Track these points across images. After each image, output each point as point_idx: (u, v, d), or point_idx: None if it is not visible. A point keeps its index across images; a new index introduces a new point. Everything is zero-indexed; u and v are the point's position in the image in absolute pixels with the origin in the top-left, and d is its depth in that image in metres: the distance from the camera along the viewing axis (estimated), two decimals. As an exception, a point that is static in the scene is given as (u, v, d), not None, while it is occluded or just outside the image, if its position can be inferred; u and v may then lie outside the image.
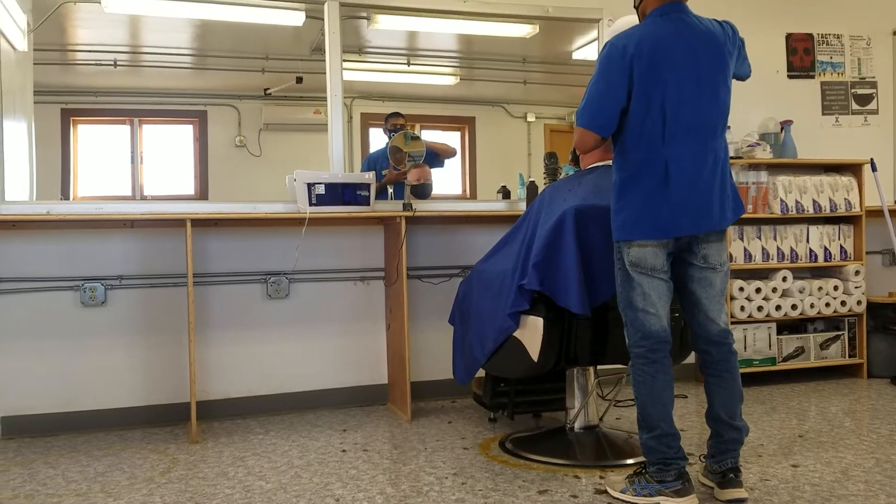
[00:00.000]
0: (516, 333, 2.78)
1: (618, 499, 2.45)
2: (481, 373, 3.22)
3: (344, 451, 3.10)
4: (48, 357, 3.52)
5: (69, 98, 5.05)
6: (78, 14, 4.45)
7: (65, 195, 4.90)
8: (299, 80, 4.92)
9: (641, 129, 2.36)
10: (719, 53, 2.39)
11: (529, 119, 5.22)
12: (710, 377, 2.49)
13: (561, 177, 3.65)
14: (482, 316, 2.99)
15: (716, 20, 2.47)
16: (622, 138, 2.42)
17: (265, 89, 5.18)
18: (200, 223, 3.57)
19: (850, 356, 4.39)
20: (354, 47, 4.83)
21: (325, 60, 3.90)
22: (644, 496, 2.39)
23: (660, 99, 2.33)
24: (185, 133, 5.36)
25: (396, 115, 4.69)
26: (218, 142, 5.27)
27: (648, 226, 2.36)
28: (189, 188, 5.29)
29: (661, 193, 2.34)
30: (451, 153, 4.80)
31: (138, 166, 5.22)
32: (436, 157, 4.56)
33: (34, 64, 3.97)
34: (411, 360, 3.62)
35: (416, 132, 4.69)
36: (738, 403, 2.46)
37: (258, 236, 3.81)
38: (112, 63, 4.95)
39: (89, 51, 5.01)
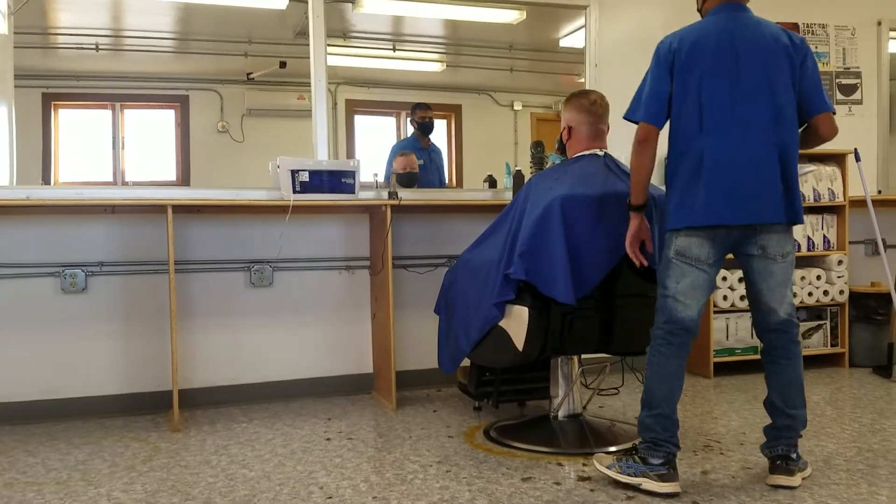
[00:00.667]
0: (501, 323, 2.78)
1: (602, 473, 2.49)
2: (466, 362, 3.21)
3: (328, 439, 3.09)
4: (28, 344, 3.48)
5: (50, 82, 4.97)
6: (59, -4, 4.38)
7: (45, 180, 4.83)
8: (283, 64, 4.87)
9: (679, 119, 2.42)
10: (771, 50, 2.41)
11: (516, 107, 5.19)
12: (767, 363, 2.54)
13: (547, 166, 3.64)
14: (468, 305, 2.98)
15: (785, 30, 2.50)
16: (669, 130, 2.48)
17: (248, 74, 5.12)
18: (182, 209, 3.53)
19: (832, 345, 4.42)
20: (339, 32, 4.78)
21: (309, 45, 3.85)
22: (628, 475, 2.42)
23: (696, 90, 2.38)
24: (166, 118, 5.29)
25: (424, 106, 4.67)
26: (200, 127, 5.20)
27: (688, 214, 2.39)
28: (171, 174, 5.23)
29: (696, 182, 2.37)
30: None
31: (120, 151, 5.15)
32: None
33: (14, 47, 3.90)
34: (396, 349, 3.61)
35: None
36: (796, 392, 2.49)
37: (241, 223, 3.78)
38: (93, 47, 4.87)
39: (70, 34, 4.93)
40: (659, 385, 2.43)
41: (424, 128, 4.64)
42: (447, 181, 4.94)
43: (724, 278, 4.17)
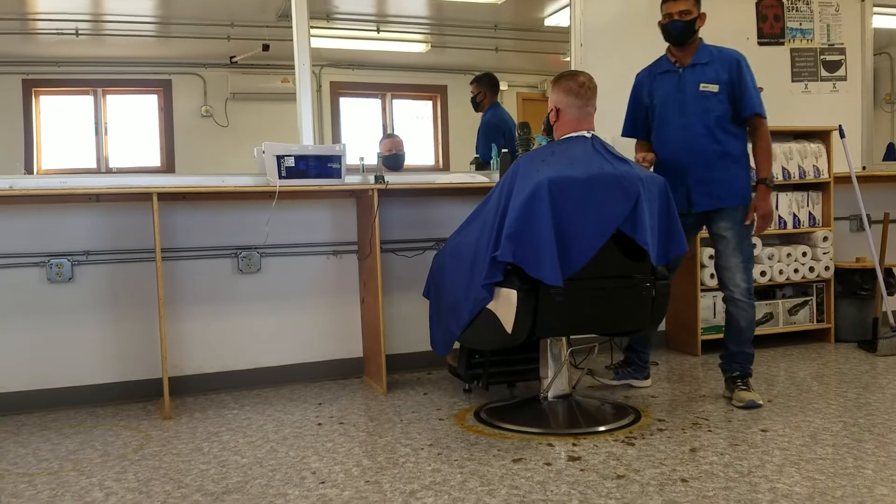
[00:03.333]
0: (490, 305, 2.78)
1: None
2: (456, 344, 3.23)
3: (320, 424, 3.10)
4: (16, 334, 3.46)
5: (30, 68, 4.90)
6: (36, -19, 4.31)
7: (28, 169, 4.78)
8: (266, 47, 4.82)
9: None
10: None
11: (502, 87, 5.16)
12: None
13: (534, 147, 3.64)
14: (456, 288, 2.98)
15: None
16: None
17: (231, 57, 5.06)
18: (167, 197, 3.51)
19: (818, 321, 4.47)
20: (322, 13, 4.72)
21: (292, 27, 3.82)
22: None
23: None
24: (149, 103, 5.23)
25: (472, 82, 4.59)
26: (183, 112, 5.15)
27: None
28: (155, 159, 5.19)
29: None
30: None
31: (103, 137, 5.10)
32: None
33: (-7, 33, 3.85)
34: (386, 333, 3.62)
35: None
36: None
37: (227, 210, 3.76)
38: (73, 32, 4.81)
39: (50, 19, 4.85)
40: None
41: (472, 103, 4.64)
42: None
43: (711, 256, 4.19)
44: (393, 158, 4.18)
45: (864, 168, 4.84)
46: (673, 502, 2.17)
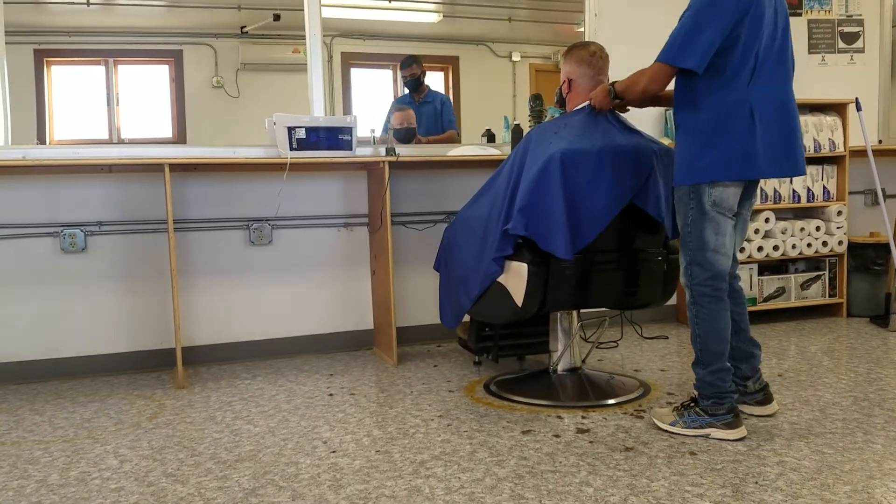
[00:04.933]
0: (500, 279, 2.79)
1: (667, 430, 2.53)
2: (466, 317, 3.24)
3: (331, 395, 3.13)
4: (31, 304, 3.50)
5: (42, 38, 4.90)
6: (47, -50, 4.29)
7: (41, 139, 4.80)
8: (277, 17, 4.80)
9: (727, 69, 2.38)
10: (787, 15, 2.52)
11: (514, 58, 5.12)
12: (733, 305, 2.59)
13: (546, 119, 3.62)
14: (467, 261, 2.99)
15: None
16: (710, 78, 2.40)
17: (242, 27, 5.04)
18: (179, 168, 3.51)
19: (830, 296, 4.45)
20: (333, -19, 4.70)
21: (303, -4, 3.80)
22: (694, 428, 2.49)
23: (752, 42, 2.38)
24: (160, 73, 5.23)
25: (406, 63, 4.66)
26: (194, 82, 5.15)
27: (738, 168, 2.40)
28: (167, 130, 5.19)
29: (748, 134, 2.38)
30: None
31: (114, 108, 5.10)
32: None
33: (4, 3, 3.84)
34: (397, 305, 3.63)
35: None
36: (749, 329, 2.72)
37: (239, 181, 3.76)
38: (84, 1, 4.80)
39: (61, -12, 4.85)
40: (716, 342, 2.48)
41: (408, 85, 4.64)
42: (452, 128, 4.74)
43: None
44: (404, 131, 4.16)
45: (880, 142, 4.79)
46: (681, 475, 2.18)
